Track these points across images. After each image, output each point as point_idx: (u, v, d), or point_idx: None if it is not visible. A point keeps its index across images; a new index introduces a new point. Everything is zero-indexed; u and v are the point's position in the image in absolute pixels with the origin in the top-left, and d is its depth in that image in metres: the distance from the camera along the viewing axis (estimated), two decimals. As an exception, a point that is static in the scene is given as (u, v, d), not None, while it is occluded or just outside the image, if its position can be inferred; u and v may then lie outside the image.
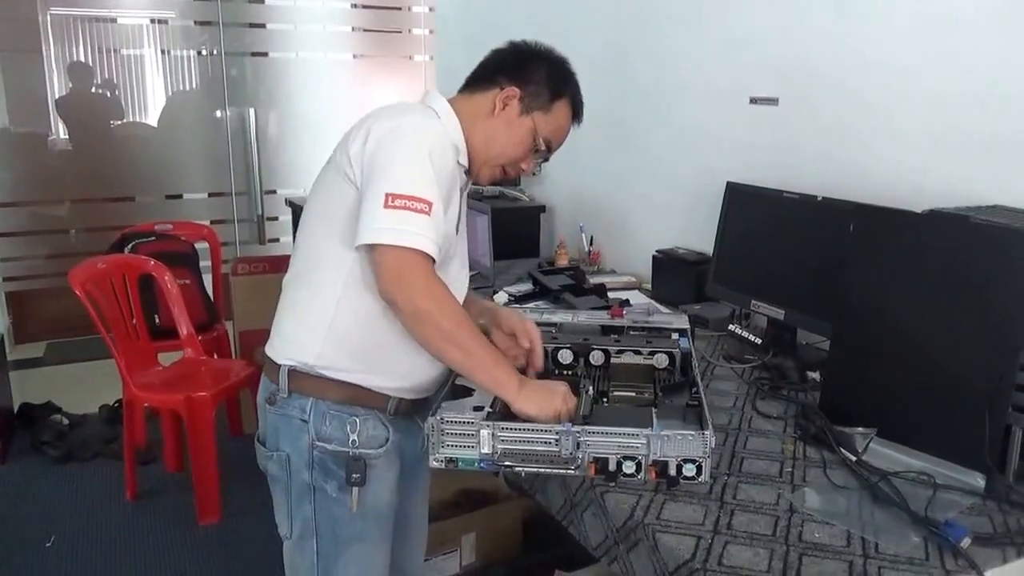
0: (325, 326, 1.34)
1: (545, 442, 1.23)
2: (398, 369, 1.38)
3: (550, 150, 1.46)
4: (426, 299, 1.23)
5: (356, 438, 1.35)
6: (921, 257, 1.39)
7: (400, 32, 4.81)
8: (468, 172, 1.46)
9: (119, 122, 4.41)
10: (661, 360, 1.55)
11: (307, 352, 1.35)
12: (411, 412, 1.43)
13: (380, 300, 1.28)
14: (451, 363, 1.30)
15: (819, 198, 1.86)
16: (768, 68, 2.27)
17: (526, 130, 1.42)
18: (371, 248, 1.24)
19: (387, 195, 1.22)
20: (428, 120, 1.34)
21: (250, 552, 2.56)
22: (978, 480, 1.27)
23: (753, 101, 2.31)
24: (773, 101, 2.25)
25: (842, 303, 1.53)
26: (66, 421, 3.44)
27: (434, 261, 1.26)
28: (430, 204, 1.23)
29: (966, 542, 1.10)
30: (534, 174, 1.53)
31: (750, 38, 2.33)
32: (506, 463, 1.24)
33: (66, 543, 2.63)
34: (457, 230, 1.42)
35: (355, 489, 1.35)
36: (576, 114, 1.48)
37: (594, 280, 2.58)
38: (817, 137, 2.12)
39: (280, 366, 1.37)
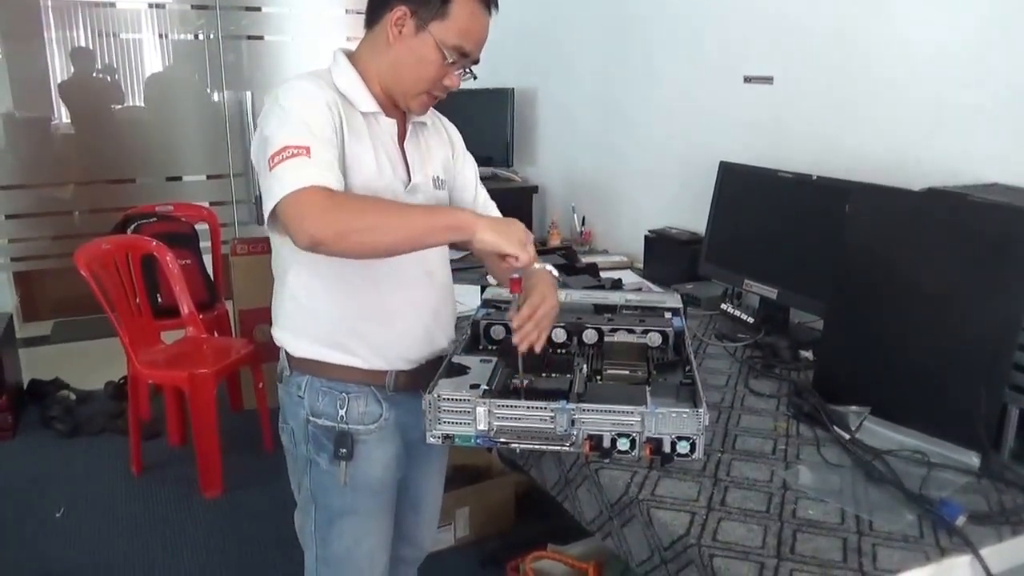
0: (292, 324, 1.39)
1: (541, 419, 1.23)
2: (373, 342, 1.38)
3: (467, 56, 1.32)
4: (331, 217, 1.14)
5: (344, 414, 1.37)
6: (918, 235, 1.38)
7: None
8: (396, 112, 1.37)
9: (120, 106, 4.43)
10: (654, 339, 1.54)
11: (290, 346, 1.40)
12: (413, 386, 1.39)
13: (325, 276, 1.31)
14: (400, 245, 1.20)
15: (814, 177, 1.86)
16: (763, 47, 2.25)
17: (429, 47, 1.28)
18: (275, 214, 1.18)
19: (268, 161, 1.17)
20: (292, 85, 1.26)
21: (251, 523, 2.61)
22: (973, 459, 1.26)
23: (748, 80, 2.29)
24: (768, 80, 2.22)
25: (837, 282, 1.53)
26: (73, 397, 3.51)
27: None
28: (307, 148, 1.17)
29: (961, 520, 1.10)
30: (470, 79, 1.38)
31: (745, 16, 2.30)
32: (502, 440, 1.25)
33: (75, 514, 2.67)
34: (408, 187, 1.36)
35: (343, 463, 1.37)
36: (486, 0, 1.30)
37: (586, 260, 2.57)
38: (812, 116, 2.10)
39: (280, 348, 1.43)
